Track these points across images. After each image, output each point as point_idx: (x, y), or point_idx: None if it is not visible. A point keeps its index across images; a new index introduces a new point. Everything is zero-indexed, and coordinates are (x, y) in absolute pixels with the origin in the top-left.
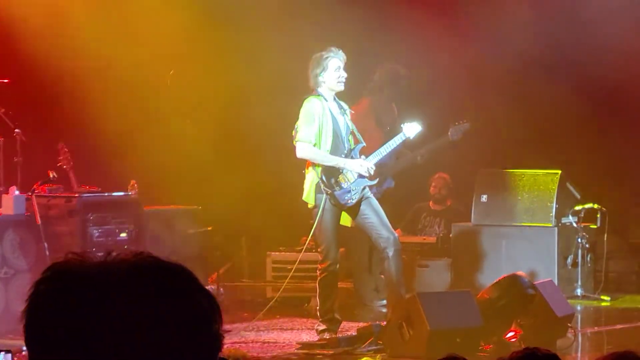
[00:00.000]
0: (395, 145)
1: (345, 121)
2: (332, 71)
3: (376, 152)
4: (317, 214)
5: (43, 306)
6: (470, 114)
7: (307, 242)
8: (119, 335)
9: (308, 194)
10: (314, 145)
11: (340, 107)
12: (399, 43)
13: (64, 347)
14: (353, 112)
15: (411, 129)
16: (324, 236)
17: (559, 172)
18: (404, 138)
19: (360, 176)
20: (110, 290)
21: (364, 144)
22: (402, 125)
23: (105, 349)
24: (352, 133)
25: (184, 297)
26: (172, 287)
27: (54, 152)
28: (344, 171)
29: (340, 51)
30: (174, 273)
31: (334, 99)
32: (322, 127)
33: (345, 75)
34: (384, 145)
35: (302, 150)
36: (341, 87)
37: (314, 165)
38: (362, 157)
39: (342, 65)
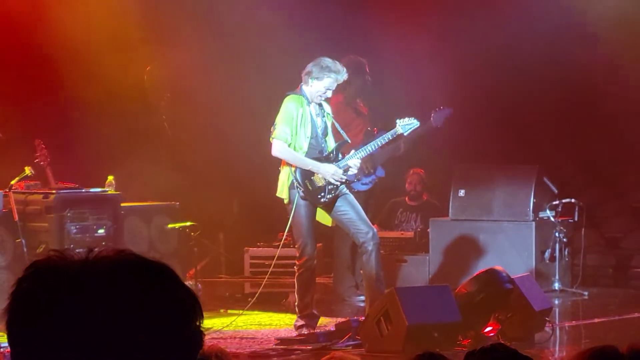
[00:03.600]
0: (386, 141)
1: (323, 122)
2: (322, 87)
3: (365, 147)
4: (291, 210)
5: (25, 304)
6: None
7: (283, 238)
8: (101, 332)
9: (281, 190)
10: (290, 145)
11: (321, 108)
12: (378, 36)
13: (47, 345)
14: (335, 112)
15: (405, 125)
16: (300, 232)
17: (536, 166)
18: (396, 134)
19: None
20: (93, 288)
21: (348, 141)
22: (396, 121)
23: (88, 346)
24: (335, 132)
25: (165, 294)
26: (153, 284)
27: (31, 148)
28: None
29: (344, 73)
30: (155, 270)
31: None
32: (299, 128)
33: (329, 96)
34: (375, 140)
35: (278, 149)
36: (317, 102)
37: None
38: (353, 150)
39: (333, 87)
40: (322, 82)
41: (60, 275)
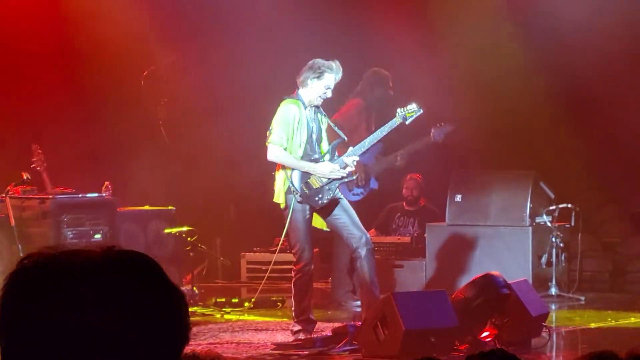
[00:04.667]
0: (385, 133)
1: (318, 127)
2: (321, 86)
3: (363, 142)
4: (287, 215)
5: (15, 298)
6: (445, 114)
7: (280, 243)
8: (90, 329)
9: (278, 195)
10: (286, 149)
11: (316, 113)
12: (379, 47)
13: (36, 338)
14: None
15: (406, 113)
16: (297, 237)
17: (533, 172)
18: (396, 124)
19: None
20: (82, 282)
21: (345, 139)
22: (397, 110)
23: (77, 339)
24: (330, 132)
25: (153, 290)
26: (141, 278)
27: (27, 153)
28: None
29: (340, 70)
30: (143, 265)
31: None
32: (295, 132)
33: (330, 96)
34: (373, 134)
35: (273, 153)
36: (318, 103)
37: (284, 166)
38: (350, 148)
39: (332, 85)
40: (322, 80)
41: (51, 269)
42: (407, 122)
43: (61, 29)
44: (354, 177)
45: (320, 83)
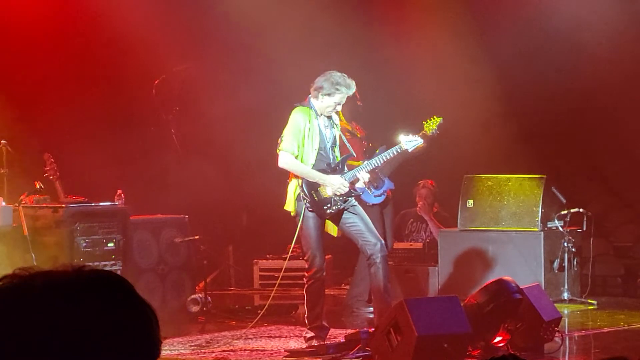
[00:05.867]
0: (391, 156)
1: (332, 134)
2: (332, 102)
3: (370, 161)
4: (298, 222)
5: None
6: (457, 120)
7: (291, 250)
8: (60, 343)
9: (289, 203)
10: (297, 157)
11: (329, 120)
12: (386, 47)
13: (7, 358)
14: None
15: (410, 143)
16: (308, 244)
17: (544, 176)
18: (401, 149)
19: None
20: (53, 302)
21: (354, 155)
22: (400, 137)
23: (48, 358)
24: (341, 145)
25: (122, 306)
26: (111, 297)
27: (40, 162)
28: None
29: (353, 86)
30: (113, 283)
31: None
32: (306, 139)
33: (339, 110)
34: (380, 155)
35: (284, 160)
36: (327, 114)
37: (297, 175)
38: (364, 161)
39: (343, 102)
40: (332, 98)
41: (20, 294)
42: (409, 150)
43: (75, 38)
44: (362, 192)
45: (330, 100)
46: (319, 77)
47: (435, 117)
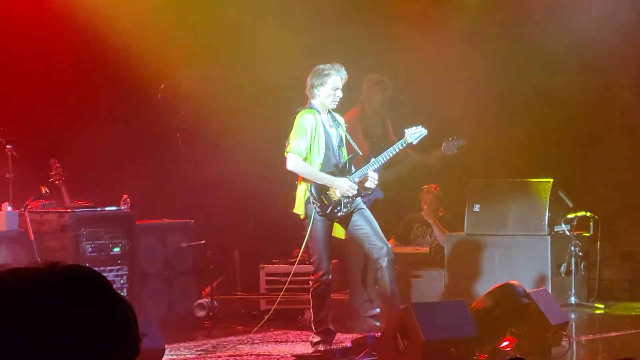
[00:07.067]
0: (397, 150)
1: (337, 133)
2: (329, 89)
3: (377, 158)
4: (308, 225)
5: None
6: (463, 124)
7: (299, 254)
8: (36, 341)
9: (298, 206)
10: (305, 159)
11: (334, 120)
12: (392, 55)
13: None
14: (347, 125)
15: (414, 135)
16: (316, 246)
17: (551, 180)
18: (406, 143)
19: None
20: (27, 299)
21: (360, 153)
22: (405, 130)
23: (23, 355)
24: (347, 144)
25: (98, 302)
26: (86, 292)
27: (45, 167)
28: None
29: (343, 69)
30: (88, 279)
31: (328, 111)
32: (313, 140)
33: (341, 95)
34: (386, 151)
35: (292, 163)
36: (333, 107)
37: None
38: (371, 158)
39: (340, 85)
40: (327, 84)
41: None
42: (414, 142)
43: (80, 42)
44: (370, 193)
45: (326, 88)
46: (306, 79)
47: (455, 136)
